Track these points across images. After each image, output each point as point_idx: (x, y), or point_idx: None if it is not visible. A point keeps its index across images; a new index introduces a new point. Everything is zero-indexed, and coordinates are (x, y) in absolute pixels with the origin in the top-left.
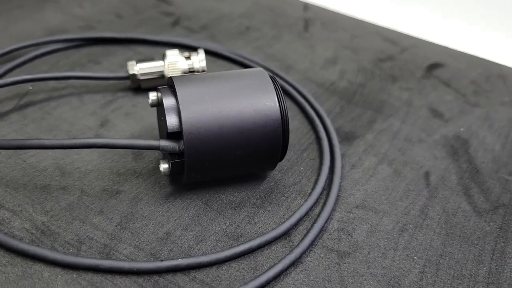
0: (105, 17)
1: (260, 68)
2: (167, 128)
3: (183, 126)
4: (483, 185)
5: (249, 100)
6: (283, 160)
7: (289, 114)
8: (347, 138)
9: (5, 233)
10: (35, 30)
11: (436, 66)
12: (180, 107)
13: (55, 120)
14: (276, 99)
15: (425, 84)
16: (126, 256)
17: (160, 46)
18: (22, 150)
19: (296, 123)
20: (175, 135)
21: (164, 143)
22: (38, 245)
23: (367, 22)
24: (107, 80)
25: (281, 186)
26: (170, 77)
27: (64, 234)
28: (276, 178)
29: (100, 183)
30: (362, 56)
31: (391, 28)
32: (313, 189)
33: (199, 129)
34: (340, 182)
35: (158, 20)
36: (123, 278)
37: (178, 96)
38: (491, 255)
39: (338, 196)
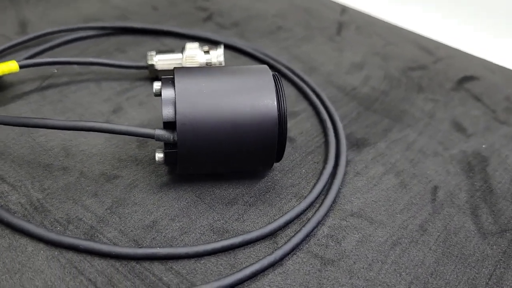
0: (141, 8)
1: (264, 66)
2: (162, 117)
3: (177, 116)
4: (494, 206)
5: (247, 97)
6: (285, 161)
7: (303, 115)
8: (358, 144)
9: (0, 206)
10: (71, 16)
11: (469, 78)
12: (176, 98)
13: (71, 103)
14: (275, 98)
15: (454, 96)
16: (109, 240)
17: (187, 39)
18: (34, 129)
19: (308, 125)
20: (171, 125)
21: (159, 132)
22: (28, 220)
23: (405, 30)
24: (127, 68)
25: (278, 186)
26: (174, 67)
27: (55, 212)
28: (275, 178)
29: (100, 166)
30: (391, 64)
31: (430, 37)
32: (310, 192)
33: (192, 120)
34: (340, 188)
35: (192, 15)
36: (101, 261)
37: (175, 87)
38: (487, 280)
39: (334, 202)
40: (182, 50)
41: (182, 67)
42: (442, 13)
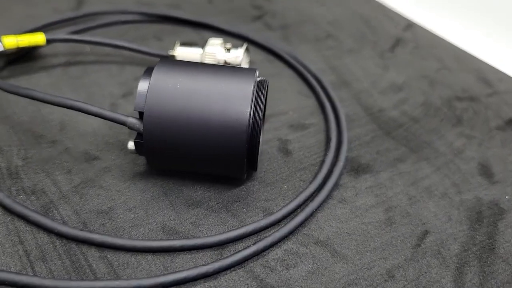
0: (197, 1)
1: (252, 69)
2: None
3: (145, 107)
4: (489, 267)
5: (221, 99)
6: (270, 173)
7: (311, 130)
8: (358, 169)
9: None
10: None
11: None
12: (148, 89)
13: (89, 82)
14: (249, 106)
15: (495, 136)
16: (61, 217)
17: (226, 35)
18: None
19: (312, 140)
20: (142, 116)
21: (131, 120)
22: None
23: (471, 55)
24: (151, 56)
25: (251, 198)
26: (160, 58)
27: (26, 181)
28: (251, 188)
29: (85, 146)
30: (437, 90)
31: (497, 67)
32: (277, 211)
33: (160, 114)
34: (313, 212)
35: (244, 12)
36: (45, 235)
37: (151, 79)
38: None
39: (302, 226)
40: (205, 44)
41: (168, 59)
42: None
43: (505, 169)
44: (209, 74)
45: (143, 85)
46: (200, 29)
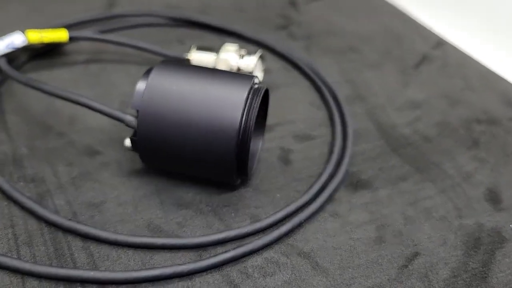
0: (225, 5)
1: (251, 76)
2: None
3: (139, 106)
4: None
5: (214, 102)
6: (265, 181)
7: (317, 141)
8: (357, 184)
9: None
10: (158, 1)
11: None
12: (145, 89)
13: (106, 80)
14: (241, 111)
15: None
16: (54, 206)
17: (247, 42)
18: None
19: (315, 152)
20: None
21: (129, 118)
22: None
23: (500, 77)
24: (169, 58)
25: (241, 204)
26: (161, 61)
27: (28, 169)
28: (244, 194)
29: (90, 140)
30: (457, 110)
31: None
32: (264, 219)
33: (155, 113)
34: (302, 223)
35: (271, 21)
36: (35, 222)
37: (148, 79)
38: None
39: (288, 236)
40: (220, 49)
41: (170, 62)
42: None
43: None
44: (206, 78)
45: (141, 85)
46: (223, 35)
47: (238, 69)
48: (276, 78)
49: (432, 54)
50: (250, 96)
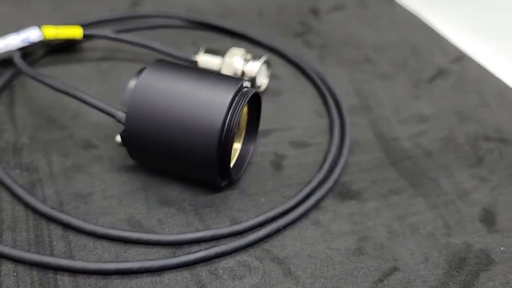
0: (245, 10)
1: (239, 79)
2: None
3: (128, 104)
4: None
5: (199, 103)
6: (253, 185)
7: (313, 148)
8: (346, 195)
9: None
10: (181, 4)
11: None
12: (135, 87)
13: (115, 77)
14: (224, 113)
15: None
16: (43, 194)
17: (261, 47)
18: None
19: (309, 159)
20: None
21: (120, 114)
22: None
23: None
24: (178, 59)
25: (224, 206)
26: (156, 60)
27: (25, 158)
28: (229, 196)
29: (89, 134)
30: (466, 126)
31: None
32: (243, 222)
33: (142, 111)
34: (281, 229)
35: (290, 27)
36: (22, 208)
37: (139, 78)
38: None
39: (265, 241)
40: (227, 53)
41: (163, 61)
42: None
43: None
44: (195, 79)
45: (132, 83)
46: (238, 39)
47: (243, 72)
48: (284, 84)
49: (450, 68)
50: (236, 98)
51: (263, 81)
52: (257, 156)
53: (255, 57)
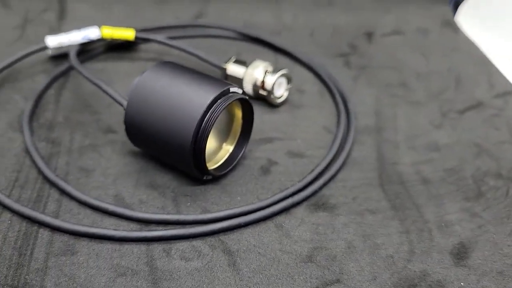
0: (301, 31)
1: (227, 83)
2: None
3: (129, 96)
4: None
5: (184, 100)
6: (237, 184)
7: (305, 160)
8: (320, 206)
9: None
10: (239, 18)
11: None
12: (137, 82)
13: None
14: (203, 111)
15: (509, 225)
16: (56, 163)
17: (298, 63)
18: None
19: (298, 169)
20: None
21: (126, 103)
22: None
23: None
24: (208, 63)
25: (201, 197)
26: (163, 61)
27: (55, 133)
28: (209, 190)
29: (114, 121)
30: (480, 161)
31: None
32: (209, 213)
33: (138, 103)
34: (241, 225)
35: (336, 48)
36: (35, 171)
37: (142, 75)
38: None
39: (224, 233)
40: (251, 64)
41: (168, 62)
42: None
43: (488, 260)
44: (188, 80)
45: (136, 79)
46: (279, 53)
47: (262, 83)
48: (306, 99)
49: (490, 102)
50: (219, 100)
51: (282, 93)
52: (250, 160)
53: (276, 70)
